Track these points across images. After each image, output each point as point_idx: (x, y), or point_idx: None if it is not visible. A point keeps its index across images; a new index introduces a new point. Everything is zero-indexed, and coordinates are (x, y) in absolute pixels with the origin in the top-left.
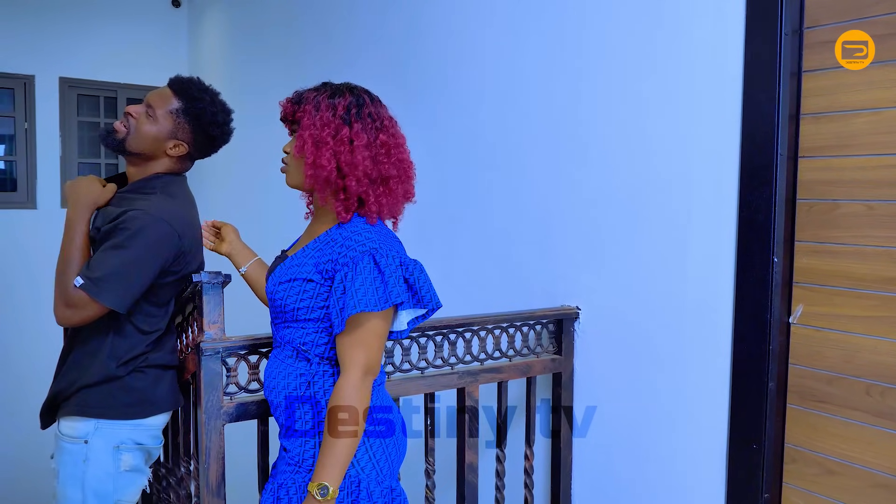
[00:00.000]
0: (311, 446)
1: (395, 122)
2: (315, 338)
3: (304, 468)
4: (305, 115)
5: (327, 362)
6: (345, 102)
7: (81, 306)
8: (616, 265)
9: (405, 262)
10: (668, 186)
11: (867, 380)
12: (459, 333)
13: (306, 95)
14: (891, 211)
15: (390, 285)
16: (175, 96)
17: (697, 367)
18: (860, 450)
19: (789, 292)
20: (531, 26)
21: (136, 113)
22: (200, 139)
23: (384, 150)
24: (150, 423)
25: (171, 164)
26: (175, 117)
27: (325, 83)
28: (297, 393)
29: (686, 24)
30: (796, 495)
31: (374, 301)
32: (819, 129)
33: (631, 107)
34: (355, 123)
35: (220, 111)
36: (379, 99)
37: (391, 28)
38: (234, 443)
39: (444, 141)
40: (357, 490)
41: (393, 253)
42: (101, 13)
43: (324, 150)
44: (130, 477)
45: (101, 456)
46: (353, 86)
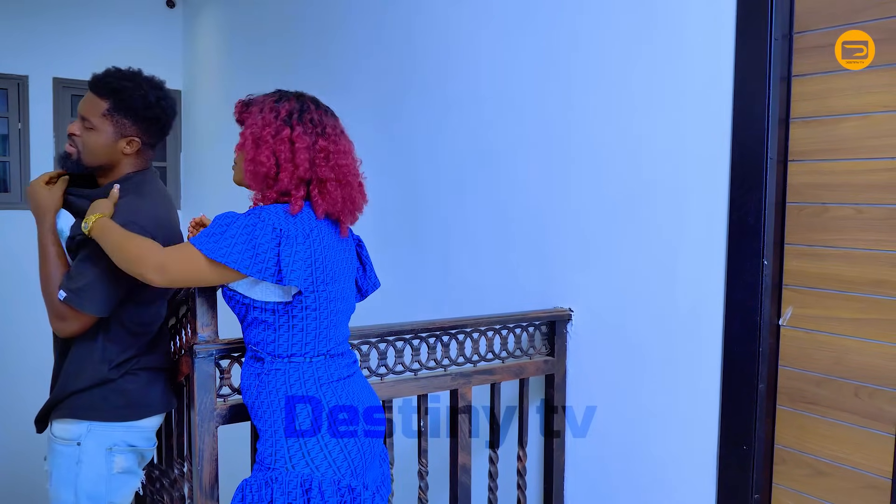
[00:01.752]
0: (269, 444)
1: (341, 133)
2: (264, 336)
3: (265, 466)
4: (250, 117)
5: (279, 359)
6: (288, 107)
7: (71, 318)
8: (608, 267)
9: (287, 234)
10: (660, 189)
11: (856, 381)
12: (452, 335)
13: (255, 99)
14: (879, 214)
15: (226, 244)
16: (100, 98)
17: (688, 368)
18: (849, 451)
19: (779, 295)
20: (525, 32)
21: (77, 130)
22: (145, 126)
23: (322, 154)
24: (143, 424)
25: (133, 161)
26: (111, 117)
27: (278, 90)
28: (256, 393)
29: (678, 29)
30: (786, 496)
31: (206, 244)
32: (808, 133)
33: (623, 111)
34: (296, 126)
35: (150, 90)
36: (328, 109)
37: (387, 28)
38: (227, 444)
39: (439, 144)
40: (311, 489)
41: (272, 223)
42: (95, 13)
43: (263, 147)
44: (123, 479)
45: (94, 458)
46: (302, 94)
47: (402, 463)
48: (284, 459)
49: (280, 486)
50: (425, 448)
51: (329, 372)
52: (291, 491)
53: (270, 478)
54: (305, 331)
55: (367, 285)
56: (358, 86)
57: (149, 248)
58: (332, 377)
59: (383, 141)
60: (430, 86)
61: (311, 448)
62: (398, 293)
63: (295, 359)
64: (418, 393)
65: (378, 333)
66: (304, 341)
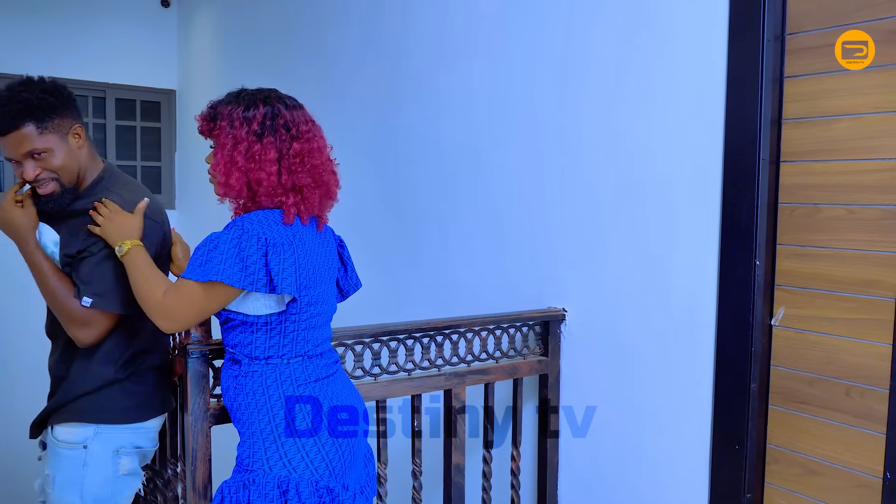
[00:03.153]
0: (247, 446)
1: (313, 125)
2: (241, 338)
3: (243, 468)
4: (221, 133)
5: (256, 362)
6: (259, 116)
7: (97, 322)
8: (602, 267)
9: (273, 243)
10: (653, 190)
11: (847, 381)
12: (446, 335)
13: (221, 111)
14: (870, 215)
15: (217, 262)
16: (20, 126)
17: (681, 368)
18: (841, 450)
19: (771, 295)
20: (518, 33)
21: (36, 170)
22: (68, 113)
23: (298, 159)
24: (150, 425)
25: (88, 151)
26: (44, 132)
27: (241, 92)
28: (233, 395)
29: (671, 30)
30: (778, 495)
31: (196, 271)
32: (801, 134)
33: (617, 112)
34: (267, 137)
35: (40, 90)
36: (295, 103)
37: (381, 29)
38: (220, 445)
39: (432, 143)
40: (287, 490)
41: (257, 233)
42: (89, 13)
43: (234, 170)
44: (127, 481)
45: (101, 461)
46: (267, 94)
47: (395, 462)
48: (262, 461)
49: (257, 487)
50: (419, 448)
51: (307, 373)
52: (269, 493)
53: (248, 479)
54: (283, 333)
55: (349, 286)
56: (352, 86)
57: (157, 293)
58: (309, 378)
59: (377, 141)
60: (424, 86)
61: (288, 450)
62: (392, 293)
63: (272, 361)
64: (412, 393)
65: (372, 333)
66: (282, 343)
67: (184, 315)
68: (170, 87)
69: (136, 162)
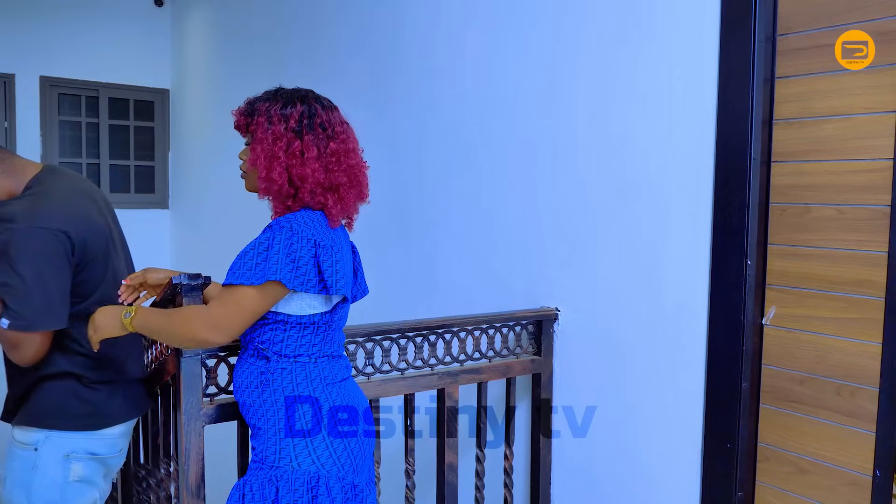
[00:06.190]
0: (272, 443)
1: (347, 127)
2: (271, 336)
3: (267, 464)
4: (259, 128)
5: (284, 359)
6: (297, 114)
7: (26, 341)
8: (594, 267)
9: (321, 245)
10: (645, 190)
11: (838, 380)
12: (439, 335)
13: (258, 107)
14: (860, 215)
15: (272, 263)
16: None
17: (673, 367)
18: (831, 448)
19: (762, 294)
20: (509, 33)
21: None
22: None
23: (334, 158)
24: (107, 433)
25: (5, 178)
26: None
27: (278, 91)
28: (258, 391)
29: (662, 31)
30: (770, 493)
31: (250, 274)
32: (791, 135)
33: (608, 112)
34: (307, 135)
35: None
36: (330, 104)
37: (373, 28)
38: (213, 444)
39: (424, 143)
40: (317, 486)
41: (307, 235)
42: (82, 11)
43: (275, 164)
44: (79, 488)
45: (49, 464)
46: (304, 93)
47: (388, 462)
48: (290, 457)
49: (286, 483)
50: (412, 447)
51: (333, 373)
52: (298, 488)
53: (275, 476)
54: (316, 332)
55: (357, 292)
56: (344, 86)
57: (195, 313)
58: (335, 378)
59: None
60: (416, 86)
61: (317, 446)
62: (385, 293)
63: (301, 359)
64: (405, 392)
65: (365, 333)
66: (312, 342)
67: (237, 322)
68: (163, 87)
69: (130, 161)
